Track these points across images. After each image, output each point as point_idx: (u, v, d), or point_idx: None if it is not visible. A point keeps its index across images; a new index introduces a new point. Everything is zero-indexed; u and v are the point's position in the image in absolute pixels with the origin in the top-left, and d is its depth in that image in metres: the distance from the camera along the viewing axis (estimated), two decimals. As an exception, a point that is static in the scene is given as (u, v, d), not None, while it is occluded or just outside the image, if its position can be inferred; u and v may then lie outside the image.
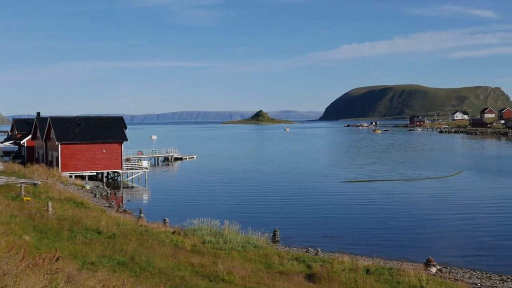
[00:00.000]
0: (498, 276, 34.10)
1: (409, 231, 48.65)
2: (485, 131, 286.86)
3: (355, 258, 33.96)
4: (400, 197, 68.51)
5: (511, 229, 49.04)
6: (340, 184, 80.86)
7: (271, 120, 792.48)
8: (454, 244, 44.41)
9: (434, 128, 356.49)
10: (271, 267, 28.24)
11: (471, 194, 70.77)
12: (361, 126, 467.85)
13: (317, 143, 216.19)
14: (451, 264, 36.82)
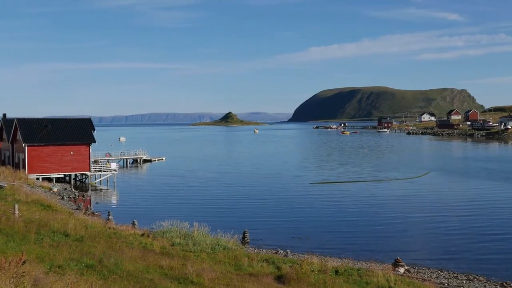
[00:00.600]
0: (465, 275, 34.56)
1: (378, 232, 49.03)
2: (451, 132, 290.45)
3: (324, 259, 34.13)
4: (369, 198, 68.98)
5: (477, 229, 49.68)
6: (310, 186, 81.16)
7: (241, 122, 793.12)
8: (422, 244, 44.89)
9: (401, 129, 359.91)
10: (241, 269, 28.22)
11: (438, 195, 71.60)
12: (330, 128, 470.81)
13: (286, 144, 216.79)
14: (419, 265, 37.20)
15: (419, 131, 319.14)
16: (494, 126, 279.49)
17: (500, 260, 38.85)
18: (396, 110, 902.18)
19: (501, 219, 54.22)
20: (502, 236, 46.60)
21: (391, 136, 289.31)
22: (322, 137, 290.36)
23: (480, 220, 53.90)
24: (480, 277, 34.47)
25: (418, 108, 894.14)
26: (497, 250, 41.81)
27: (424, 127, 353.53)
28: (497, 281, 33.48)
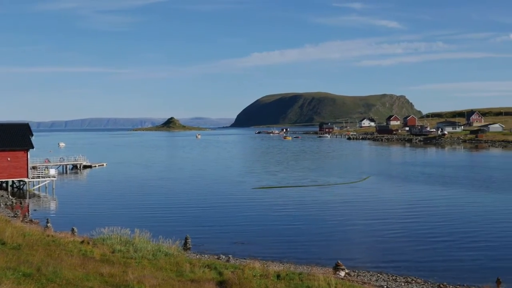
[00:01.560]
0: (404, 278, 35.27)
1: (319, 236, 49.55)
2: (391, 137, 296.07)
3: (266, 264, 34.27)
4: (311, 203, 69.62)
5: (415, 233, 50.77)
6: (252, 191, 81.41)
7: (183, 127, 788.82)
8: (362, 248, 45.59)
9: (342, 135, 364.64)
10: (182, 275, 28.06)
11: (378, 200, 72.87)
12: (272, 133, 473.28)
13: (229, 150, 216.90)
14: (359, 268, 37.77)
15: (359, 136, 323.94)
16: (432, 132, 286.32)
17: (437, 262, 39.78)
18: (337, 116, 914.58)
19: (439, 222, 55.48)
20: (439, 239, 47.74)
21: (332, 141, 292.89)
22: (265, 142, 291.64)
23: (419, 223, 55.09)
24: (418, 279, 35.24)
25: (359, 113, 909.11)
26: (434, 253, 42.80)
27: (364, 132, 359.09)
28: (434, 283, 34.28)
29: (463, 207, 64.98)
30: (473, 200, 70.52)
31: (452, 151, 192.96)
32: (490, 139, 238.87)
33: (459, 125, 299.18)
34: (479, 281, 34.17)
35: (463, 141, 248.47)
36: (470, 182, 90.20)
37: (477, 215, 59.63)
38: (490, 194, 75.60)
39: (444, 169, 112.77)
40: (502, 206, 65.63)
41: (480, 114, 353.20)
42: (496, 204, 67.63)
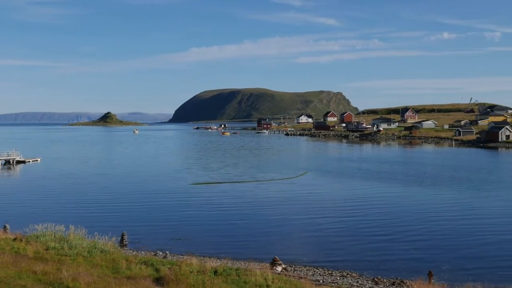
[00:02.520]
0: (339, 272, 35.87)
1: (257, 231, 49.80)
2: (328, 133, 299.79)
3: (203, 260, 34.26)
4: (248, 198, 69.88)
5: (351, 227, 51.63)
6: (190, 187, 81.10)
7: (120, 122, 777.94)
8: (299, 243, 46.03)
9: (280, 130, 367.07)
10: (119, 272, 27.74)
11: (315, 195, 73.66)
12: (211, 129, 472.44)
13: (167, 145, 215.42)
14: (296, 263, 38.19)
15: (297, 132, 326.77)
16: (368, 128, 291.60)
17: (372, 256, 40.58)
18: (275, 112, 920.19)
19: (374, 217, 56.56)
20: (374, 234, 48.68)
21: (270, 137, 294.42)
22: (203, 138, 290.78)
23: (354, 218, 56.02)
24: (354, 273, 35.89)
25: (296, 110, 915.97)
26: (369, 247, 43.63)
27: (302, 128, 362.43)
28: (369, 277, 35.01)
29: (398, 202, 66.42)
30: (407, 195, 72.18)
31: (387, 147, 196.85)
32: (424, 135, 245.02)
33: (394, 122, 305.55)
34: (412, 274, 35.06)
35: (398, 137, 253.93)
36: (405, 177, 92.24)
37: (411, 210, 61.06)
38: (424, 190, 77.51)
39: (379, 165, 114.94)
40: (435, 201, 67.37)
41: (414, 111, 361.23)
42: (430, 199, 69.39)
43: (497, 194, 72.57)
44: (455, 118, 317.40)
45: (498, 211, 59.96)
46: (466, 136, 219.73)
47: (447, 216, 56.80)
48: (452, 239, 46.15)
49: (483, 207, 62.96)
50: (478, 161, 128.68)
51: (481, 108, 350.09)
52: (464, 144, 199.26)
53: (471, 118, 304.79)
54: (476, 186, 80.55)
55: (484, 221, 54.25)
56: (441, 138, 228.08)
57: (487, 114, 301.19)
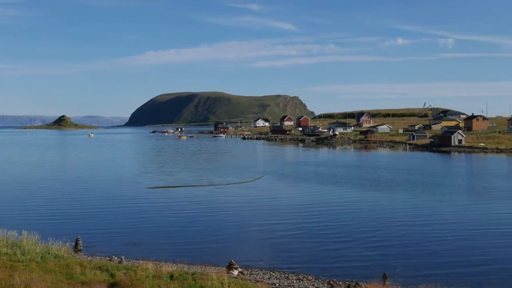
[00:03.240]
0: (295, 275, 36.02)
1: (213, 235, 49.66)
2: (284, 137, 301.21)
3: (159, 265, 34.03)
4: (205, 202, 69.66)
5: (308, 231, 51.90)
6: (146, 191, 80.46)
7: (75, 126, 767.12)
8: (256, 246, 46.05)
9: (237, 134, 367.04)
10: (73, 277, 27.37)
11: (272, 198, 73.82)
12: (167, 132, 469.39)
13: (123, 149, 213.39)
14: (252, 266, 38.21)
15: (254, 136, 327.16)
16: (324, 132, 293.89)
17: (328, 259, 40.88)
18: (232, 116, 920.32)
19: (330, 220, 57.03)
20: (330, 236, 49.07)
21: (227, 141, 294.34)
22: (160, 141, 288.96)
23: (311, 222, 56.33)
24: (310, 276, 36.09)
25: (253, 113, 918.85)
26: (325, 250, 43.95)
27: (259, 132, 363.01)
28: (324, 280, 35.26)
29: (354, 206, 67.00)
30: (363, 199, 72.89)
31: (343, 151, 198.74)
32: (379, 139, 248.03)
33: (350, 126, 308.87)
34: (367, 277, 35.43)
35: (353, 141, 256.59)
36: (361, 181, 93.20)
37: (367, 213, 61.69)
38: (379, 194, 78.41)
39: (336, 169, 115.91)
40: (390, 205, 68.27)
41: (369, 116, 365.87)
42: (385, 203, 70.27)
43: (450, 198, 73.85)
44: (409, 122, 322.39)
45: (452, 215, 61.00)
46: (420, 140, 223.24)
47: (402, 220, 57.59)
48: (407, 243, 46.81)
49: (437, 211, 64.01)
50: (432, 165, 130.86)
51: (434, 113, 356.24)
52: (418, 148, 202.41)
53: (425, 122, 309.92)
54: (430, 190, 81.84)
55: (438, 225, 55.10)
56: (396, 142, 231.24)
57: (440, 119, 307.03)
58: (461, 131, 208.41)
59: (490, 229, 52.53)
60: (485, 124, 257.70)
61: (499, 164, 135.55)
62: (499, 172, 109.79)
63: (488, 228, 53.06)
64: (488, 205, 67.70)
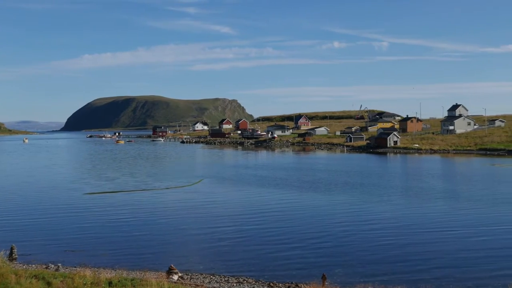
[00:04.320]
0: (235, 278, 36.09)
1: (153, 240, 49.24)
2: (223, 141, 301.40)
3: (98, 271, 33.50)
4: (144, 207, 69.02)
5: (247, 233, 52.00)
6: (84, 197, 79.10)
7: (9, 131, 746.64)
8: (196, 250, 45.89)
9: (176, 138, 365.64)
10: (7, 287, 26.72)
11: (211, 202, 73.69)
12: (105, 137, 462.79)
13: (60, 154, 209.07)
14: (192, 271, 38.10)
15: (193, 139, 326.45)
16: (262, 135, 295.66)
17: (268, 261, 41.09)
18: (171, 119, 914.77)
19: (269, 223, 57.31)
20: (269, 239, 49.34)
21: (166, 145, 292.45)
22: (97, 146, 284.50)
23: (251, 224, 56.52)
24: (250, 279, 36.22)
25: (192, 117, 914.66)
26: (265, 252, 44.14)
27: (198, 135, 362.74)
28: (265, 282, 35.45)
29: (293, 208, 67.53)
30: (302, 201, 73.56)
31: (282, 153, 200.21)
32: (317, 141, 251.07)
33: (288, 129, 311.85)
34: (306, 278, 35.82)
35: (292, 143, 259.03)
36: (300, 183, 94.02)
37: (307, 215, 62.30)
38: (318, 195, 79.26)
39: (275, 172, 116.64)
40: (329, 206, 69.10)
41: (307, 118, 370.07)
42: (324, 204, 71.07)
43: (388, 199, 75.22)
44: (346, 124, 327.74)
45: (390, 215, 62.12)
46: (356, 142, 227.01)
47: (341, 221, 58.35)
48: (346, 243, 47.47)
49: (376, 211, 65.10)
50: (369, 166, 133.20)
51: (370, 115, 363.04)
52: (355, 150, 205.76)
53: (362, 124, 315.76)
54: (369, 191, 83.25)
55: (376, 225, 56.05)
56: (334, 144, 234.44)
57: (376, 120, 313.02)
58: (396, 133, 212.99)
59: (427, 229, 53.81)
60: (419, 125, 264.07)
61: (433, 164, 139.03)
62: (434, 173, 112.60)
63: (425, 228, 54.34)
64: (425, 205, 69.27)
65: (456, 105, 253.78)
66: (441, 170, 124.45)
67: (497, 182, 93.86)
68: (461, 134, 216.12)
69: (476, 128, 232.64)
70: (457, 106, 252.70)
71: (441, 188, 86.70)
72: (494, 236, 50.15)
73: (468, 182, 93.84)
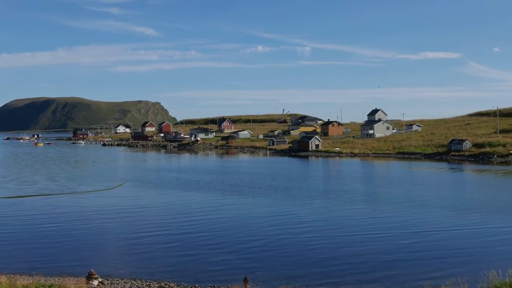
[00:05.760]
0: (157, 283, 35.69)
1: (72, 245, 48.12)
2: (146, 144, 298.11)
3: (14, 278, 32.41)
4: (64, 211, 67.46)
5: (169, 237, 51.59)
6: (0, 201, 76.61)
7: None
8: (117, 255, 45.16)
9: (97, 141, 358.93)
10: None
11: (133, 206, 72.66)
12: (23, 139, 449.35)
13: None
14: (113, 276, 37.43)
15: (115, 142, 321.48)
16: (186, 138, 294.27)
17: (190, 264, 40.84)
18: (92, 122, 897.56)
19: (193, 227, 57.06)
20: (193, 242, 49.07)
21: (87, 147, 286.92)
22: (15, 149, 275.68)
23: (173, 228, 56.09)
24: (172, 283, 35.91)
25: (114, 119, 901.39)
26: (188, 256, 43.87)
27: (120, 138, 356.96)
28: (187, 285, 35.26)
29: (216, 211, 67.45)
30: (225, 205, 73.54)
31: (205, 156, 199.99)
32: (240, 145, 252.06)
33: (212, 132, 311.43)
34: (229, 281, 35.85)
35: (215, 147, 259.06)
36: (223, 187, 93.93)
37: (229, 218, 62.37)
38: (242, 198, 79.47)
39: (198, 175, 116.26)
40: (252, 210, 69.38)
41: (231, 121, 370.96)
42: (247, 207, 71.33)
43: (312, 201, 76.00)
44: (269, 128, 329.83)
45: (313, 218, 62.90)
46: (279, 145, 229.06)
47: (265, 225, 58.62)
48: (270, 246, 47.66)
49: (299, 214, 65.79)
50: (292, 170, 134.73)
51: (293, 118, 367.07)
52: (277, 153, 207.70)
53: (284, 128, 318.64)
54: (292, 194, 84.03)
55: (300, 228, 56.54)
56: (257, 148, 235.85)
57: (299, 124, 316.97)
58: (318, 136, 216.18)
59: (349, 231, 54.74)
60: (340, 129, 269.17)
61: (354, 167, 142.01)
62: (355, 176, 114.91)
63: (347, 230, 55.28)
64: (347, 207, 70.49)
65: (375, 110, 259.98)
66: (362, 173, 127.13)
67: (416, 185, 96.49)
68: (380, 138, 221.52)
69: (395, 132, 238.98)
70: (376, 110, 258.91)
71: (362, 191, 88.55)
72: (412, 238, 51.55)
73: (388, 185, 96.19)
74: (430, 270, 39.00)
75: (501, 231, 54.02)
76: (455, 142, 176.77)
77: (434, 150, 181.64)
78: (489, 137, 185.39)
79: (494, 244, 48.26)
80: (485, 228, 55.85)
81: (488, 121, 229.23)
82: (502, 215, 63.09)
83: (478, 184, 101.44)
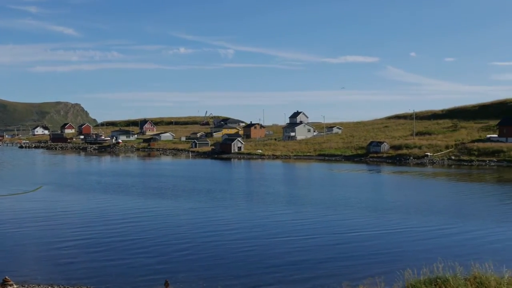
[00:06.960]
0: (75, 288, 34.89)
1: (-15, 251, 46.41)
2: (65, 146, 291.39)
3: None
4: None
5: (88, 241, 50.51)
6: None
7: None
8: (33, 260, 43.79)
9: (14, 143, 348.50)
10: None
11: (51, 209, 70.75)
12: None
13: None
14: (29, 282, 36.30)
15: (33, 144, 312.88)
16: (107, 140, 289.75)
17: (110, 269, 40.08)
18: (9, 123, 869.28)
19: (113, 230, 56.06)
20: (113, 246, 48.21)
21: (3, 149, 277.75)
22: None
23: (92, 232, 54.91)
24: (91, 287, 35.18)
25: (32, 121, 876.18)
26: (108, 260, 43.03)
27: (38, 140, 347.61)
28: (106, 291, 34.56)
29: (137, 214, 66.53)
30: (147, 207, 72.62)
31: (127, 159, 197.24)
32: (162, 147, 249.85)
33: (133, 134, 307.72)
34: (149, 284, 35.46)
35: (137, 149, 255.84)
36: (145, 190, 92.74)
37: (150, 221, 61.58)
38: (163, 201, 78.71)
39: (119, 178, 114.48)
40: (173, 212, 68.87)
41: (152, 123, 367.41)
42: (168, 210, 70.68)
43: (235, 204, 75.98)
44: (192, 130, 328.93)
45: (236, 220, 62.85)
46: (202, 147, 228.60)
47: (185, 226, 58.33)
48: (192, 249, 47.29)
49: (221, 216, 65.57)
50: (214, 172, 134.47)
51: (215, 121, 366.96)
52: (200, 156, 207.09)
53: (207, 130, 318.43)
54: (215, 196, 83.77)
55: (223, 230, 56.39)
56: (179, 150, 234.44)
57: (221, 126, 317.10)
58: (240, 139, 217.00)
59: (272, 233, 55.01)
60: (262, 131, 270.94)
61: (276, 169, 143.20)
62: (277, 178, 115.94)
63: (270, 232, 55.55)
64: (270, 209, 70.87)
65: (297, 112, 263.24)
66: (284, 175, 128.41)
67: (337, 186, 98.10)
68: (302, 140, 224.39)
69: (316, 135, 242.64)
70: (298, 113, 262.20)
71: (285, 193, 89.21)
72: (333, 239, 52.34)
73: (310, 187, 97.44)
74: (349, 272, 39.64)
75: (419, 231, 55.54)
76: (373, 144, 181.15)
77: (353, 152, 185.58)
78: (406, 139, 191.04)
79: (412, 244, 49.58)
80: (403, 228, 57.23)
81: (405, 124, 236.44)
82: (420, 216, 64.90)
83: (397, 185, 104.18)
